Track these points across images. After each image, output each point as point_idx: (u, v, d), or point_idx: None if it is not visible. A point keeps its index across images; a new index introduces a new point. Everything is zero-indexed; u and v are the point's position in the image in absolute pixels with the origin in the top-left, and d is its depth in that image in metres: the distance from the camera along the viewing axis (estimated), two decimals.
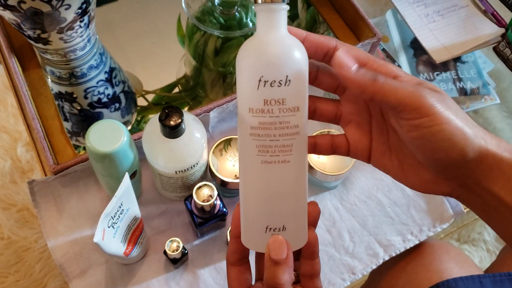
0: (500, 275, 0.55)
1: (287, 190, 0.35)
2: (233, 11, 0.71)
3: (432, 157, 0.34)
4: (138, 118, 0.74)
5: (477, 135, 0.33)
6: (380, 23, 0.95)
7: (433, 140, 0.33)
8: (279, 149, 0.34)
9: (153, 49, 0.79)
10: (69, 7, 0.54)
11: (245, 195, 0.36)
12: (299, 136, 0.34)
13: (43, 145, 0.60)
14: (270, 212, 0.35)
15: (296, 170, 0.35)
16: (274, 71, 0.33)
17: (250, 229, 0.36)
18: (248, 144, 0.34)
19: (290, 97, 0.33)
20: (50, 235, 0.60)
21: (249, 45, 0.34)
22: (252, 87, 0.33)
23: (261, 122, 0.33)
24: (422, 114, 0.32)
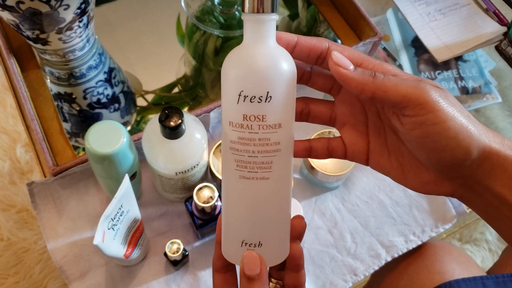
0: (503, 276, 0.55)
1: (265, 206, 0.34)
2: (233, 10, 0.71)
3: (436, 157, 0.33)
4: (138, 118, 0.73)
5: (481, 133, 0.32)
6: (381, 22, 0.94)
7: (438, 139, 0.31)
8: (258, 166, 0.33)
9: (153, 49, 0.79)
10: (68, 7, 0.54)
11: (224, 207, 0.35)
12: (281, 153, 0.33)
13: (42, 146, 0.60)
14: (246, 227, 0.34)
15: (275, 187, 0.34)
16: (254, 86, 0.31)
17: (227, 241, 0.35)
18: (228, 157, 0.33)
19: (271, 114, 0.32)
20: (50, 237, 0.59)
21: (233, 56, 0.33)
22: (232, 101, 0.32)
23: (240, 137, 0.32)
24: (427, 110, 0.31)
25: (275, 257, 0.35)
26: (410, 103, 0.31)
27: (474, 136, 0.32)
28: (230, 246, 0.35)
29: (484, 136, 0.32)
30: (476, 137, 0.32)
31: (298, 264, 0.36)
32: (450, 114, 0.31)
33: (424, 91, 0.31)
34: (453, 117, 0.31)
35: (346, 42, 0.77)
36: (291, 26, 0.84)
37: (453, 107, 0.32)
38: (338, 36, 0.79)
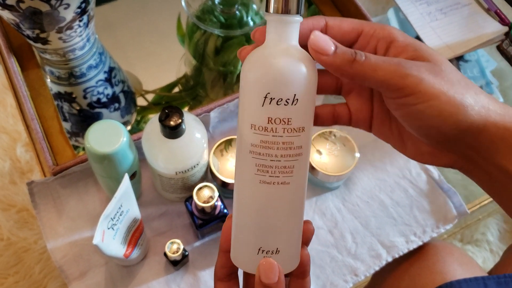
0: (504, 276, 0.54)
1: (284, 212, 0.33)
2: (234, 9, 0.71)
3: (424, 133, 0.32)
4: (138, 118, 0.73)
5: (477, 104, 0.31)
6: (382, 22, 0.94)
7: (420, 118, 0.31)
8: (280, 170, 0.32)
9: (153, 48, 0.79)
10: (68, 6, 0.54)
11: (239, 213, 0.34)
12: (302, 157, 0.32)
13: (42, 146, 0.60)
14: (264, 233, 0.33)
15: (295, 192, 0.33)
16: (282, 88, 0.30)
17: (241, 248, 0.34)
18: (247, 161, 0.32)
19: (296, 117, 0.31)
20: (50, 236, 0.59)
21: (257, 56, 0.32)
22: (256, 103, 0.31)
23: (263, 141, 0.31)
24: (406, 93, 0.31)
25: (289, 264, 0.34)
26: (390, 88, 0.31)
27: (464, 111, 0.31)
28: (244, 254, 0.34)
29: (481, 107, 0.31)
30: (466, 111, 0.31)
31: (304, 271, 0.36)
32: (432, 93, 0.30)
33: (403, 74, 0.30)
34: (436, 95, 0.30)
35: None
36: None
37: (442, 81, 0.31)
38: None
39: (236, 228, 0.34)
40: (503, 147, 0.32)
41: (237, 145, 0.33)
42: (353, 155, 0.62)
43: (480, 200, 0.77)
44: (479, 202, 0.77)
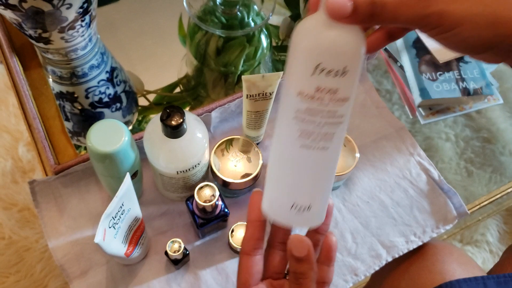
0: (504, 276, 0.55)
1: (319, 174, 0.35)
2: (235, 10, 0.71)
3: (469, 50, 0.33)
4: (139, 118, 0.73)
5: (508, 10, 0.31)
6: None
7: (459, 40, 0.32)
8: (321, 137, 0.33)
9: (154, 48, 0.79)
10: (70, 6, 0.54)
11: (276, 170, 0.36)
12: (342, 125, 0.34)
13: (44, 145, 0.60)
14: (299, 192, 0.36)
15: (331, 157, 0.35)
16: (334, 60, 0.31)
17: (276, 201, 0.37)
18: (290, 125, 0.34)
19: (343, 88, 0.32)
20: (51, 235, 0.59)
21: (310, 25, 0.32)
22: (305, 72, 0.31)
23: (309, 108, 0.32)
24: (433, 25, 0.31)
25: (318, 220, 0.38)
26: (416, 26, 0.32)
27: (499, 21, 0.31)
28: (279, 207, 0.37)
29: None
30: (499, 25, 0.31)
31: (331, 257, 0.39)
32: (461, 18, 0.31)
33: (425, 10, 0.31)
34: (465, 19, 0.31)
35: None
36: (293, 27, 0.85)
37: (462, 6, 0.31)
38: None
39: (272, 184, 0.37)
40: None
41: (280, 110, 0.34)
42: (353, 155, 0.62)
43: (480, 201, 0.77)
44: (478, 203, 0.77)
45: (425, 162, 0.69)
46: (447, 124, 0.89)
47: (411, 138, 0.71)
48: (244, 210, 0.63)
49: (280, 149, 0.36)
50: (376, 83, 0.92)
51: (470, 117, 0.93)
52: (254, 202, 0.39)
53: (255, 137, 0.66)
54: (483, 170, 0.85)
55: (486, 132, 0.90)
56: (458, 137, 0.88)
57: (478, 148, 0.87)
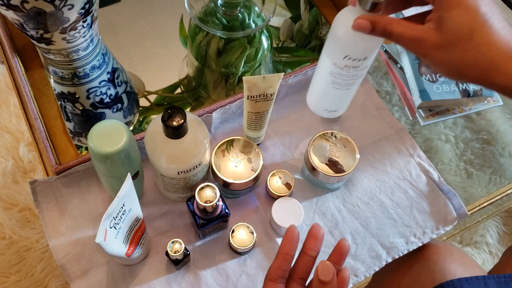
0: (504, 276, 0.55)
1: (343, 97, 0.54)
2: (236, 12, 0.71)
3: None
4: (140, 118, 0.74)
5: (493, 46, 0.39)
6: None
7: (439, 70, 0.43)
8: (346, 83, 0.50)
9: (156, 49, 0.79)
10: (72, 7, 0.54)
11: (317, 91, 0.55)
12: (360, 77, 0.51)
13: (45, 145, 0.60)
14: (330, 104, 0.55)
15: (350, 91, 0.53)
16: (357, 54, 0.46)
17: (315, 105, 0.56)
18: (326, 76, 0.50)
19: (363, 64, 0.48)
20: (52, 235, 0.60)
21: (347, 18, 0.44)
22: (339, 55, 0.47)
23: (339, 73, 0.49)
24: (422, 56, 0.42)
25: (337, 115, 0.57)
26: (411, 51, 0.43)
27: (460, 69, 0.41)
28: (316, 108, 0.57)
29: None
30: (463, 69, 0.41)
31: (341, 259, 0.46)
32: (437, 60, 0.42)
33: (418, 48, 0.42)
34: (440, 63, 0.42)
35: None
36: (293, 28, 0.85)
37: (441, 54, 0.41)
38: None
39: (314, 96, 0.56)
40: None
41: (320, 65, 0.52)
42: (353, 156, 0.62)
43: (479, 202, 0.77)
44: (478, 204, 0.77)
45: (425, 163, 0.69)
46: (447, 126, 0.89)
47: (411, 139, 0.71)
48: (245, 210, 0.64)
49: (319, 83, 0.53)
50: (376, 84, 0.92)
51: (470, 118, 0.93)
52: (289, 235, 0.45)
53: (256, 138, 0.66)
54: (483, 171, 0.85)
55: (486, 133, 0.90)
56: (458, 138, 0.88)
57: (477, 150, 0.88)
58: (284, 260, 0.45)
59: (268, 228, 0.63)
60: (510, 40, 0.40)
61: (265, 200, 0.65)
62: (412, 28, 0.42)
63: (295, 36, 0.84)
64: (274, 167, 0.66)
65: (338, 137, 0.63)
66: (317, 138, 0.63)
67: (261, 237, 0.62)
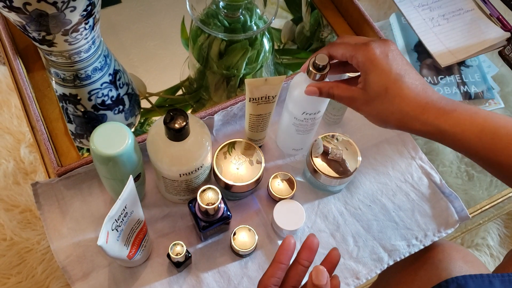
0: (508, 275, 0.55)
1: (306, 138, 0.65)
2: (238, 14, 0.71)
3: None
4: (142, 120, 0.74)
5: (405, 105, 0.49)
6: (384, 27, 0.95)
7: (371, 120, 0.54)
8: (307, 129, 0.62)
9: (157, 51, 0.79)
10: (74, 9, 0.54)
11: (284, 135, 0.66)
12: (316, 125, 0.64)
13: (47, 147, 0.60)
14: (295, 145, 0.67)
15: (313, 132, 0.65)
16: (312, 109, 0.59)
17: (284, 146, 0.68)
18: (290, 126, 0.62)
19: (318, 115, 0.60)
20: (53, 237, 0.60)
21: (301, 81, 0.57)
22: (298, 110, 0.59)
23: (301, 124, 0.61)
24: (355, 109, 0.54)
25: (303, 151, 0.69)
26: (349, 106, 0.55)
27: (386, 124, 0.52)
28: (285, 147, 0.68)
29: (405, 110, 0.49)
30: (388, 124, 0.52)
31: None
32: (366, 113, 0.53)
33: (355, 103, 0.53)
34: (369, 114, 0.53)
35: None
36: (295, 30, 0.85)
37: (368, 109, 0.52)
38: None
39: (282, 139, 0.68)
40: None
41: (284, 117, 0.63)
42: (355, 158, 0.62)
43: (481, 205, 0.77)
44: (480, 207, 0.77)
45: (426, 166, 0.69)
46: None
47: (412, 142, 0.71)
48: (247, 212, 0.64)
49: (286, 129, 0.64)
50: None
51: None
52: (286, 245, 0.48)
53: (258, 140, 0.66)
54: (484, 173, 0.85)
55: None
56: None
57: None
58: (279, 269, 0.47)
59: (269, 230, 0.63)
60: (420, 92, 0.49)
61: (267, 203, 0.65)
62: (347, 89, 0.53)
63: (297, 38, 0.84)
64: (276, 170, 0.66)
65: (340, 140, 0.63)
66: (318, 140, 0.63)
67: (262, 240, 0.62)
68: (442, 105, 0.48)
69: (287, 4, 0.87)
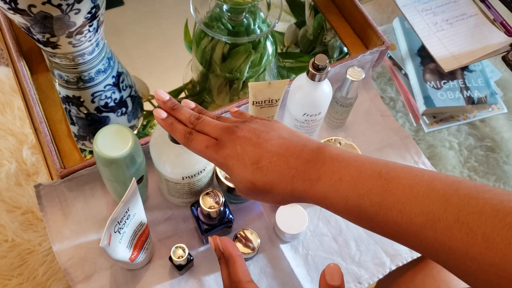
0: None
1: None
2: (241, 17, 0.71)
3: None
4: (144, 122, 0.74)
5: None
6: (387, 31, 0.95)
7: None
8: (308, 131, 0.63)
9: (160, 54, 0.79)
10: (78, 11, 0.54)
11: None
12: (320, 122, 0.64)
13: (50, 149, 0.60)
14: None
15: (316, 133, 0.67)
16: (313, 111, 0.59)
17: None
18: (292, 124, 0.62)
19: (319, 118, 0.61)
20: (56, 239, 0.60)
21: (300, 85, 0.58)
22: (299, 112, 0.60)
23: (302, 125, 0.62)
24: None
25: None
26: None
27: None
28: None
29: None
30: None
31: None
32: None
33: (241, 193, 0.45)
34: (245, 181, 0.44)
35: (353, 51, 0.78)
36: (298, 34, 0.85)
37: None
38: (345, 44, 0.79)
39: None
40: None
41: (285, 120, 0.65)
42: None
43: None
44: None
45: None
46: (450, 133, 0.89)
47: (415, 146, 0.71)
48: (249, 216, 0.64)
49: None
50: (380, 90, 0.92)
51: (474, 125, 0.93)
52: (230, 242, 0.50)
53: None
54: (487, 178, 0.85)
55: (490, 141, 0.90)
56: (461, 145, 0.88)
57: (481, 157, 0.87)
58: (243, 260, 0.48)
59: (272, 234, 0.63)
60: (281, 169, 0.41)
61: (269, 206, 0.64)
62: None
63: (300, 41, 0.84)
64: None
65: (343, 144, 0.63)
66: None
67: (264, 243, 0.62)
68: (307, 175, 0.40)
69: (290, 7, 0.87)
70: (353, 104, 0.67)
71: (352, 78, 0.62)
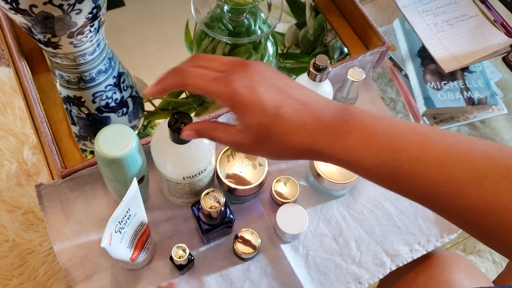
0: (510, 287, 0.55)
1: None
2: (242, 18, 0.72)
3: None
4: (145, 123, 0.74)
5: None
6: (388, 32, 0.95)
7: None
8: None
9: (160, 54, 0.79)
10: (80, 11, 0.54)
11: None
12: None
13: (51, 149, 0.60)
14: None
15: None
16: None
17: None
18: None
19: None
20: (57, 239, 0.60)
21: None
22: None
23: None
24: None
25: None
26: None
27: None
28: None
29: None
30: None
31: None
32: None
33: (241, 148, 0.43)
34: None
35: (353, 51, 0.78)
36: (298, 35, 0.85)
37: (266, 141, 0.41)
38: (345, 45, 0.79)
39: None
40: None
41: None
42: None
43: None
44: None
45: None
46: None
47: None
48: (250, 216, 0.64)
49: None
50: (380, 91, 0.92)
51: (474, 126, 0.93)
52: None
53: None
54: None
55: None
56: None
57: None
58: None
59: (272, 234, 0.63)
60: (306, 119, 0.39)
61: (270, 206, 0.65)
62: (228, 133, 0.43)
63: (300, 42, 0.85)
64: (279, 173, 0.66)
65: None
66: None
67: (265, 243, 0.62)
68: (334, 129, 0.38)
69: (291, 8, 0.87)
70: (353, 104, 0.67)
71: (353, 78, 0.62)
